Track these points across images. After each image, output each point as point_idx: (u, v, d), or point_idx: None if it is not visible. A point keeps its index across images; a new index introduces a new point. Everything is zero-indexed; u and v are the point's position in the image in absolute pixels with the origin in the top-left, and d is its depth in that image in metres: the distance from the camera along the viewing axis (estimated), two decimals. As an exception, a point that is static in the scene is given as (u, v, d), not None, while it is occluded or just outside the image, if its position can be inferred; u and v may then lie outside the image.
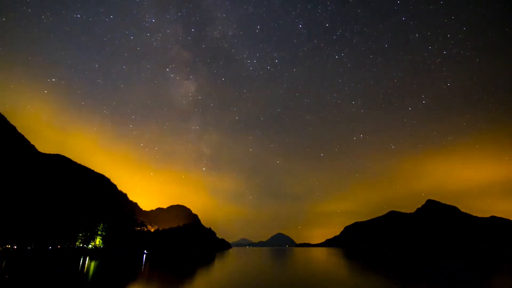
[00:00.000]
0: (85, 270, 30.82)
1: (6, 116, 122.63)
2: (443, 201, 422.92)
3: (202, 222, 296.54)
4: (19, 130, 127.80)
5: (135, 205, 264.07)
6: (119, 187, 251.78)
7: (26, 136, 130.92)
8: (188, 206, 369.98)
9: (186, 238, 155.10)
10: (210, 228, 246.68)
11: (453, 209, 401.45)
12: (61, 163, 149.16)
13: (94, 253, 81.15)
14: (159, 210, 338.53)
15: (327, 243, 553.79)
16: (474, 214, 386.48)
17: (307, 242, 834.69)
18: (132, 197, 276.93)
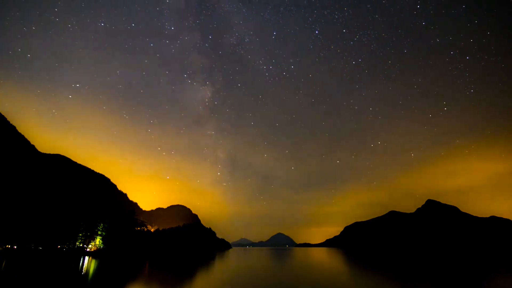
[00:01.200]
0: (85, 270, 30.81)
1: (6, 116, 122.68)
2: (443, 201, 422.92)
3: (202, 222, 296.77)
4: (19, 130, 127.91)
5: (135, 205, 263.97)
6: (119, 187, 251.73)
7: (26, 137, 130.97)
8: (188, 206, 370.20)
9: (186, 238, 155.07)
10: (210, 228, 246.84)
11: (453, 209, 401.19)
12: (61, 163, 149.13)
13: (94, 253, 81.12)
14: (159, 210, 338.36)
15: (327, 243, 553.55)
16: (474, 214, 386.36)
17: (307, 242, 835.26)
18: (132, 197, 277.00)
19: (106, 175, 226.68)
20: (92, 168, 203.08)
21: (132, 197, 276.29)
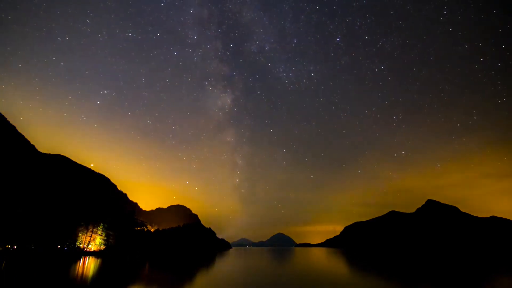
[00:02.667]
0: (85, 270, 30.80)
1: (6, 116, 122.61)
2: (443, 201, 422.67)
3: (202, 222, 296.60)
4: (20, 130, 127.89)
5: (135, 205, 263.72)
6: (119, 187, 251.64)
7: (26, 136, 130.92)
8: (188, 206, 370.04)
9: (186, 238, 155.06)
10: (210, 228, 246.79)
11: (453, 209, 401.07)
12: (61, 163, 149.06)
13: (94, 253, 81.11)
14: (159, 210, 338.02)
15: (327, 243, 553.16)
16: (474, 214, 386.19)
17: (307, 242, 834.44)
18: (132, 197, 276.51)
19: (106, 175, 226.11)
20: (92, 168, 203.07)
21: (132, 197, 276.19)
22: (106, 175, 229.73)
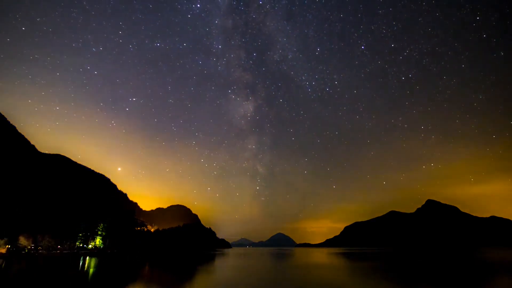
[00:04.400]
0: (85, 270, 30.80)
1: (6, 116, 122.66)
2: (443, 201, 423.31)
3: (202, 222, 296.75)
4: (20, 130, 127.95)
5: (135, 205, 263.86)
6: (119, 187, 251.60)
7: (26, 136, 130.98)
8: (188, 206, 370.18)
9: (186, 238, 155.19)
10: (210, 228, 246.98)
11: (453, 209, 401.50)
12: (61, 163, 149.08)
13: (94, 253, 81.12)
14: (159, 210, 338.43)
15: (327, 243, 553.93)
16: (474, 214, 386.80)
17: (307, 242, 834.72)
18: (132, 197, 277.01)
19: (106, 175, 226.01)
20: (91, 168, 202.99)
21: (132, 197, 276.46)
22: (106, 175, 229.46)
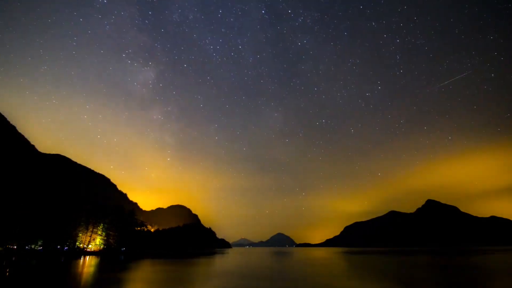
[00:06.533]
0: (84, 270, 30.84)
1: (6, 116, 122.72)
2: (443, 201, 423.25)
3: (202, 222, 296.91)
4: (19, 130, 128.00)
5: (135, 205, 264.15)
6: (119, 187, 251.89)
7: (25, 136, 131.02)
8: (188, 206, 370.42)
9: (186, 238, 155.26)
10: (210, 228, 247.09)
11: (453, 209, 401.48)
12: (61, 163, 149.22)
13: (93, 253, 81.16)
14: (159, 210, 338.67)
15: (327, 243, 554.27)
16: (474, 214, 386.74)
17: (307, 242, 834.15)
18: (132, 197, 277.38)
19: (106, 175, 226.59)
20: (92, 168, 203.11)
21: (132, 197, 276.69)
22: (106, 175, 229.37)
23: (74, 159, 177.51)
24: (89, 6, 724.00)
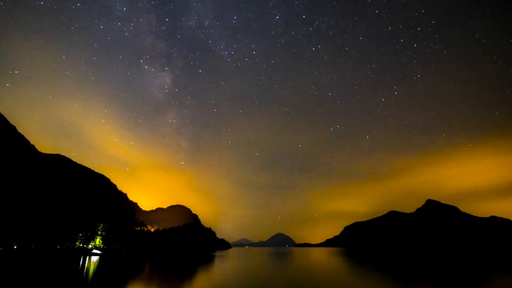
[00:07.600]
0: (84, 270, 30.83)
1: (6, 116, 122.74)
2: (443, 201, 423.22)
3: (202, 222, 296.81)
4: (19, 130, 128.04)
5: (135, 205, 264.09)
6: (119, 187, 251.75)
7: (25, 136, 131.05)
8: (188, 206, 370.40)
9: (186, 238, 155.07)
10: (210, 228, 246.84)
11: (453, 209, 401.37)
12: (61, 163, 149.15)
13: (93, 253, 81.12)
14: (159, 210, 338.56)
15: (327, 243, 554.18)
16: (474, 214, 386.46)
17: (307, 242, 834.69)
18: (132, 197, 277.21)
19: (106, 175, 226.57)
20: (91, 168, 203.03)
21: (132, 197, 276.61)
22: (106, 175, 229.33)
23: (74, 159, 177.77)
24: (109, 13, 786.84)
